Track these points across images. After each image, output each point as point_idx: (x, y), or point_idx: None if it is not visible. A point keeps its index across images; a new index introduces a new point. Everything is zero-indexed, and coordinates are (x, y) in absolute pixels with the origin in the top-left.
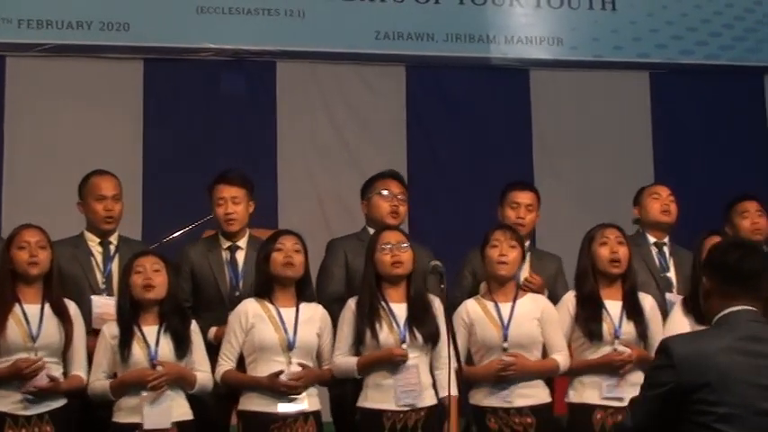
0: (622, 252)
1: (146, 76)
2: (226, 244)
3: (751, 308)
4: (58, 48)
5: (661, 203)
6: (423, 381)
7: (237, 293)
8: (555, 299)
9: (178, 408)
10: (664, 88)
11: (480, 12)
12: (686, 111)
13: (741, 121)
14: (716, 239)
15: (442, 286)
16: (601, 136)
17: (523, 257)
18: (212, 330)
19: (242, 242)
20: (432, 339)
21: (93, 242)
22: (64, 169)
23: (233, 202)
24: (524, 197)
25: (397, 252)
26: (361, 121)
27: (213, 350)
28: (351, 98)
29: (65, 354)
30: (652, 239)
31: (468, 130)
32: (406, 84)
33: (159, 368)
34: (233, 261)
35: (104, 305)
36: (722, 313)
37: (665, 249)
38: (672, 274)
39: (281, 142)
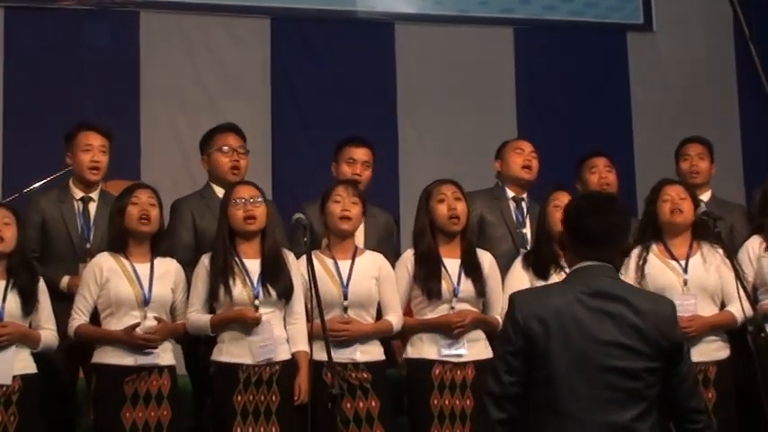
0: (460, 208)
1: (6, 24)
2: (78, 195)
3: (603, 263)
4: None
5: (524, 159)
6: (276, 335)
7: (88, 245)
8: (388, 257)
9: (20, 362)
10: (528, 44)
11: None
12: (550, 67)
13: (604, 78)
14: (562, 194)
15: (305, 239)
16: (465, 91)
17: (364, 214)
18: (65, 279)
19: (94, 194)
20: (285, 295)
21: None
22: None
23: (100, 151)
24: (361, 153)
25: (250, 207)
26: (225, 73)
27: (66, 299)
28: (215, 50)
29: None
30: (511, 194)
31: (333, 84)
32: (271, 36)
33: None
34: (85, 212)
35: None
36: (575, 267)
37: (524, 205)
38: (527, 230)
39: (145, 94)
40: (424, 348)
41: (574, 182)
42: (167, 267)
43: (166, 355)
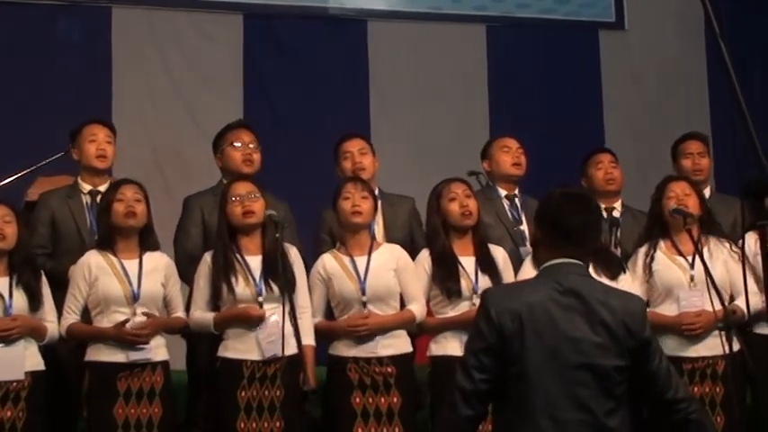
0: (472, 205)
1: None
2: (87, 189)
3: (574, 260)
4: None
5: (512, 156)
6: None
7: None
8: (414, 243)
9: (31, 358)
10: (500, 41)
11: None
12: (522, 64)
13: (576, 76)
14: None
15: (277, 235)
16: (437, 88)
17: (375, 208)
18: (73, 267)
19: (103, 187)
20: (288, 290)
21: None
22: None
23: (105, 141)
24: (353, 144)
25: (248, 203)
26: (197, 70)
27: None
28: (187, 47)
29: None
30: (503, 192)
31: (306, 81)
32: (243, 33)
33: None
34: (94, 206)
35: None
36: (546, 264)
37: (517, 201)
38: (524, 227)
39: (116, 90)
40: (449, 345)
41: (546, 179)
42: (156, 262)
43: (160, 350)
